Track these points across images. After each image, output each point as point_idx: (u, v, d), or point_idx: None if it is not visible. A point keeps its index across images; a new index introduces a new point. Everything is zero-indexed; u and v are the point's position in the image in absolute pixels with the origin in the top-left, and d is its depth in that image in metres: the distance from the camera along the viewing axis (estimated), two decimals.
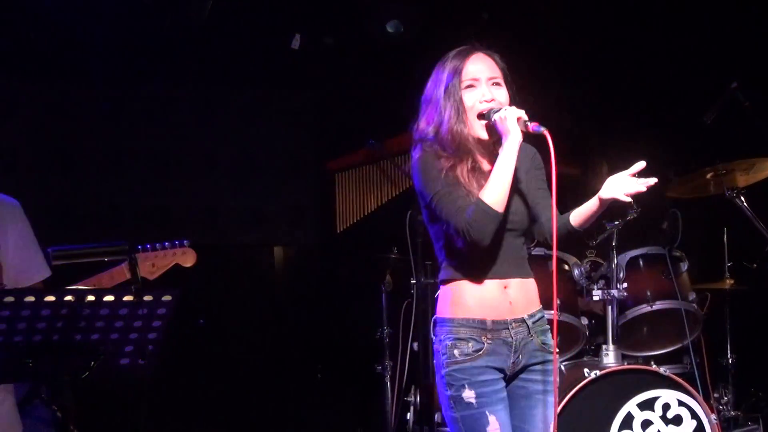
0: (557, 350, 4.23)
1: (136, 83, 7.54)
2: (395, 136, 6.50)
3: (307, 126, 8.12)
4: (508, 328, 4.08)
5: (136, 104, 7.60)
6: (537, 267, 6.04)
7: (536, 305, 4.20)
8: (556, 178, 3.93)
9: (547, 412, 4.16)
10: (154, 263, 4.72)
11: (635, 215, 6.32)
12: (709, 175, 6.22)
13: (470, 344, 4.04)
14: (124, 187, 7.56)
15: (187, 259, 4.80)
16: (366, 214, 6.97)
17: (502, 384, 4.09)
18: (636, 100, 7.78)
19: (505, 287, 4.11)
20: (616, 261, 6.24)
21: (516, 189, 4.12)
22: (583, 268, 6.36)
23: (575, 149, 7.36)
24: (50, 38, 7.05)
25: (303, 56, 7.62)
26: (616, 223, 6.30)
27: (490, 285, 4.09)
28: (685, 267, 6.47)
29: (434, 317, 4.18)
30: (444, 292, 4.16)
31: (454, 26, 7.38)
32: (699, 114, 6.36)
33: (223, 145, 7.87)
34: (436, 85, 4.14)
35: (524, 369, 4.14)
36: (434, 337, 4.16)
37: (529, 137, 4.03)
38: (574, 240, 4.29)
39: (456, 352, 4.04)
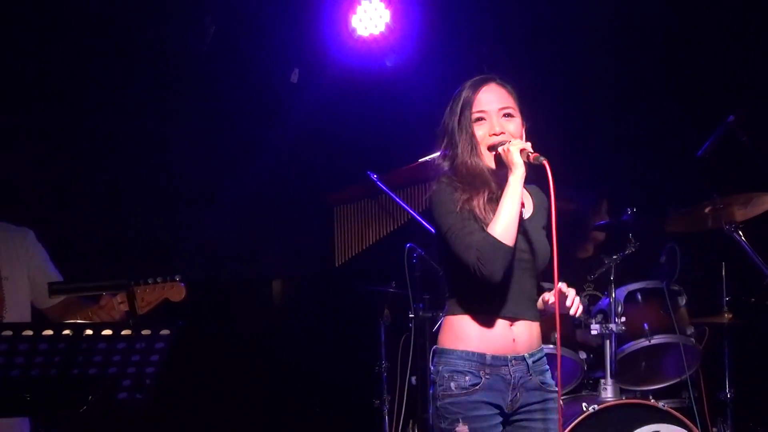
0: (556, 387, 4.23)
1: (134, 116, 7.54)
2: (394, 169, 6.51)
3: (306, 159, 8.13)
4: (508, 365, 4.07)
5: (134, 137, 7.60)
6: None
7: (538, 345, 4.20)
8: (555, 207, 3.98)
9: None
10: (144, 297, 4.72)
11: (633, 249, 6.33)
12: (707, 210, 6.22)
13: (467, 378, 4.03)
14: (122, 220, 7.55)
15: (177, 293, 4.80)
16: (364, 248, 6.96)
17: (498, 420, 4.07)
18: (634, 134, 7.80)
19: (510, 325, 4.10)
20: (614, 295, 6.24)
21: (531, 229, 4.14)
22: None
23: (574, 186, 7.37)
24: (51, 69, 7.06)
25: (302, 90, 7.64)
26: (615, 257, 6.31)
27: (496, 322, 4.08)
28: (684, 301, 6.47)
29: (434, 347, 4.17)
30: (447, 324, 4.15)
31: (454, 59, 7.41)
32: (697, 148, 6.37)
33: (221, 178, 7.87)
34: (450, 117, 4.17)
35: (523, 409, 4.11)
36: (432, 367, 4.15)
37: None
38: None
39: (452, 384, 4.03)
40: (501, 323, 4.08)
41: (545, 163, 3.98)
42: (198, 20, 7.14)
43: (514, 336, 4.10)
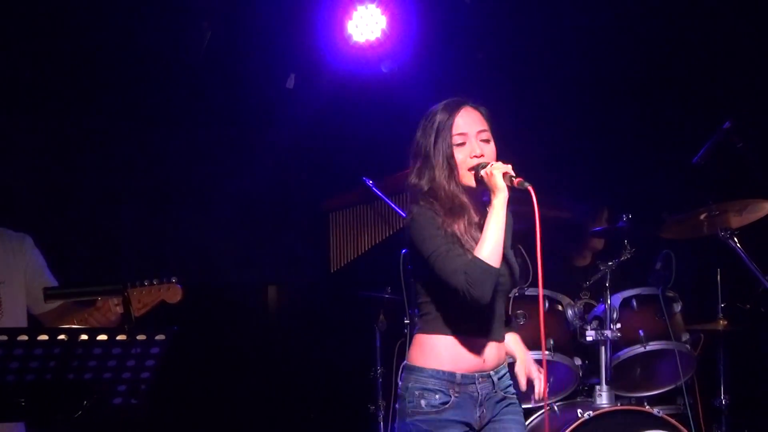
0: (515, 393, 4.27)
1: (130, 120, 7.54)
2: (390, 175, 6.51)
3: (302, 165, 8.13)
4: (475, 383, 4.12)
5: (130, 142, 7.60)
6: (530, 307, 6.08)
7: (504, 362, 4.27)
8: (540, 233, 4.00)
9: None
10: (140, 299, 4.73)
11: (629, 256, 6.34)
12: (702, 216, 6.22)
13: (437, 396, 4.07)
14: (118, 225, 7.54)
15: (173, 295, 4.80)
16: (360, 253, 6.96)
17: None
18: (630, 141, 7.80)
19: (480, 345, 4.14)
20: (609, 301, 6.24)
21: (504, 250, 4.15)
22: (576, 309, 6.37)
23: (571, 193, 7.38)
24: (47, 74, 7.06)
25: (297, 95, 7.64)
26: (610, 263, 6.32)
27: (467, 341, 4.12)
28: (679, 308, 6.47)
29: (404, 363, 4.22)
30: (418, 341, 4.19)
31: (450, 65, 7.41)
32: (692, 155, 6.37)
33: (217, 184, 7.87)
34: (424, 139, 4.17)
35: (491, 422, 4.18)
36: (400, 383, 4.18)
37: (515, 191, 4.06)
38: None
39: (423, 402, 4.08)
40: (473, 344, 4.13)
41: (530, 188, 4.00)
42: (194, 25, 7.15)
43: (484, 356, 4.15)
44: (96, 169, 7.44)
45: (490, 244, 3.98)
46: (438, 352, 4.10)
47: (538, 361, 4.30)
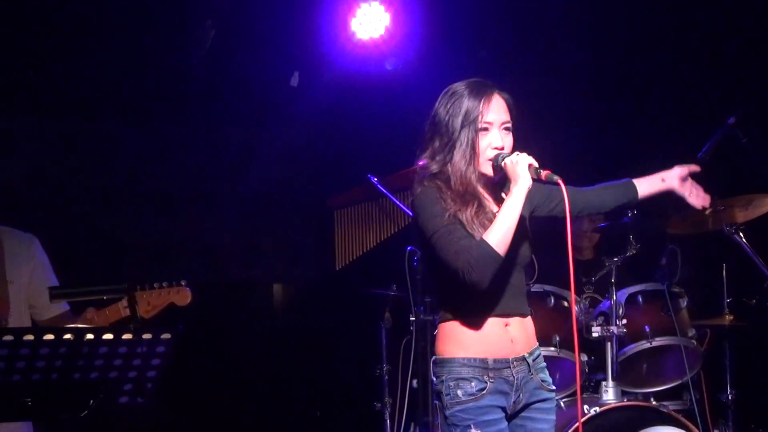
0: (553, 386, 4.24)
1: (135, 120, 7.55)
2: (395, 172, 6.51)
3: (306, 163, 8.13)
4: (510, 367, 4.07)
5: (135, 142, 7.61)
6: (536, 304, 6.07)
7: (534, 342, 4.21)
8: (570, 225, 4.00)
9: None
10: (149, 302, 4.74)
11: (634, 251, 6.33)
12: (707, 211, 6.21)
13: (473, 384, 4.02)
14: (124, 224, 7.56)
15: (182, 298, 4.81)
16: (365, 251, 6.95)
17: (505, 423, 4.08)
18: (635, 136, 7.80)
19: (506, 325, 4.10)
20: (615, 297, 6.24)
21: (520, 223, 4.08)
22: (581, 305, 6.36)
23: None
24: (51, 75, 7.07)
25: (302, 93, 7.64)
26: (615, 259, 6.31)
27: (492, 323, 4.07)
28: (685, 303, 6.46)
29: (434, 357, 4.16)
30: (443, 331, 4.13)
31: (454, 62, 7.41)
32: (697, 150, 6.36)
33: (222, 182, 7.88)
34: (449, 120, 4.07)
35: (524, 407, 4.13)
36: (434, 378, 4.13)
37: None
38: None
39: (459, 392, 4.02)
40: (496, 323, 4.07)
41: (560, 181, 3.97)
42: (198, 24, 7.15)
43: (512, 337, 4.10)
44: (101, 169, 7.46)
45: (501, 230, 3.92)
46: (464, 339, 4.05)
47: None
